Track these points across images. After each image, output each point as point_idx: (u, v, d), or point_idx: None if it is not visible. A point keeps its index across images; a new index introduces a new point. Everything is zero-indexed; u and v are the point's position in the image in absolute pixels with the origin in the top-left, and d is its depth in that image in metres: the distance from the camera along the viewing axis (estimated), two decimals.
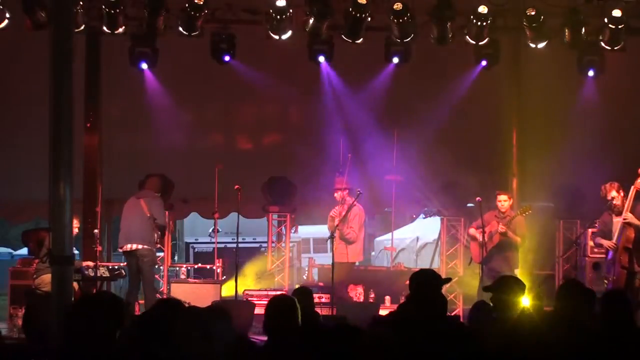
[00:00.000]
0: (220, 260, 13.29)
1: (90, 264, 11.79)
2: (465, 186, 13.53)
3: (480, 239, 11.73)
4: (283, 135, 14.26)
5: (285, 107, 14.32)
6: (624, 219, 10.66)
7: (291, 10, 11.96)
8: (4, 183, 13.79)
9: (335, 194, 12.45)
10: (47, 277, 10.52)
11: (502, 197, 11.89)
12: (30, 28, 11.78)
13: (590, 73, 12.86)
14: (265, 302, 5.80)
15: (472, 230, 12.06)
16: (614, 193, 10.85)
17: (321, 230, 13.17)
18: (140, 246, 11.80)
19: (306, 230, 17.45)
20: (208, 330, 4.27)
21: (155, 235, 11.90)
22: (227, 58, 12.81)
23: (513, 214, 11.78)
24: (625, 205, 10.72)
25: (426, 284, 5.49)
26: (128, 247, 11.89)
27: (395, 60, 12.91)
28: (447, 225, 13.98)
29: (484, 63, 12.95)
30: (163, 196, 12.58)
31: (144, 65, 12.78)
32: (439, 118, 13.60)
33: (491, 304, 6.13)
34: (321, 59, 12.84)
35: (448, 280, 6.12)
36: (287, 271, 13.79)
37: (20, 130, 13.42)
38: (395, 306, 12.37)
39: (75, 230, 11.15)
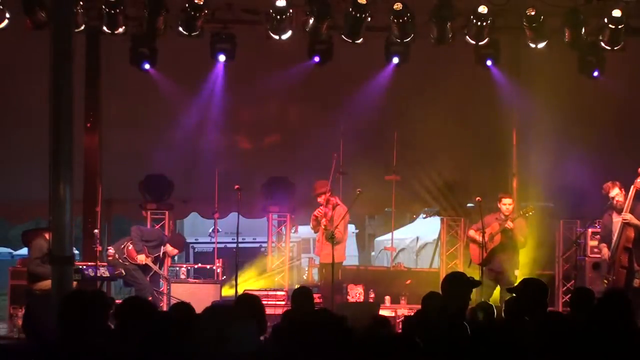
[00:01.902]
0: (220, 260, 13.29)
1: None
2: (465, 186, 13.54)
3: (480, 241, 11.69)
4: (283, 135, 14.25)
5: (285, 107, 14.31)
6: (624, 219, 10.65)
7: (291, 10, 11.96)
8: (4, 183, 13.79)
9: (319, 199, 12.33)
10: (42, 283, 10.52)
11: (507, 201, 11.75)
12: (31, 28, 11.79)
13: (595, 74, 12.85)
14: (266, 302, 5.80)
15: (472, 232, 12.00)
16: (616, 190, 10.83)
17: None
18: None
19: (306, 230, 17.43)
20: (226, 331, 4.22)
21: (124, 247, 12.11)
22: (222, 58, 12.81)
23: (515, 215, 11.72)
24: (625, 205, 10.71)
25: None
26: None
27: (395, 60, 12.92)
28: (447, 225, 13.97)
29: (489, 63, 12.93)
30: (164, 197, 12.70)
31: (147, 66, 12.79)
32: (439, 118, 13.60)
33: (493, 305, 6.16)
34: (319, 58, 12.84)
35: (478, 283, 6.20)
36: (287, 271, 13.80)
37: (21, 130, 13.41)
38: (395, 306, 12.49)
39: None
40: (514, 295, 6.30)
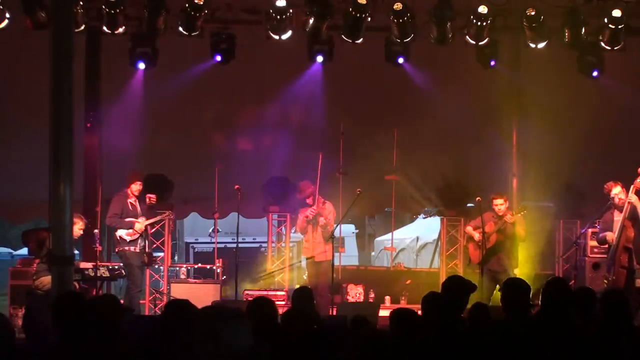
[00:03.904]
0: (220, 260, 13.30)
1: None
2: (465, 186, 13.54)
3: (479, 238, 11.70)
4: (283, 135, 14.25)
5: (285, 107, 14.31)
6: (629, 201, 10.61)
7: (291, 10, 11.96)
8: (4, 183, 13.78)
9: (307, 200, 12.32)
10: (45, 279, 10.51)
11: (499, 201, 11.80)
12: (31, 28, 11.79)
13: (595, 74, 12.85)
14: None
15: (469, 229, 11.99)
16: (618, 189, 10.83)
17: None
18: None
19: None
20: (217, 332, 4.21)
21: (117, 234, 12.02)
22: (218, 58, 12.80)
23: (510, 213, 11.74)
24: (626, 202, 10.68)
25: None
26: None
27: (400, 60, 12.91)
28: (447, 225, 13.98)
29: (492, 63, 12.92)
30: (162, 195, 12.63)
31: (141, 65, 12.78)
32: (439, 118, 13.60)
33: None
34: (319, 58, 12.83)
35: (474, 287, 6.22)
36: (287, 271, 13.80)
37: (21, 130, 13.41)
38: (395, 306, 12.48)
39: (80, 232, 11.17)
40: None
